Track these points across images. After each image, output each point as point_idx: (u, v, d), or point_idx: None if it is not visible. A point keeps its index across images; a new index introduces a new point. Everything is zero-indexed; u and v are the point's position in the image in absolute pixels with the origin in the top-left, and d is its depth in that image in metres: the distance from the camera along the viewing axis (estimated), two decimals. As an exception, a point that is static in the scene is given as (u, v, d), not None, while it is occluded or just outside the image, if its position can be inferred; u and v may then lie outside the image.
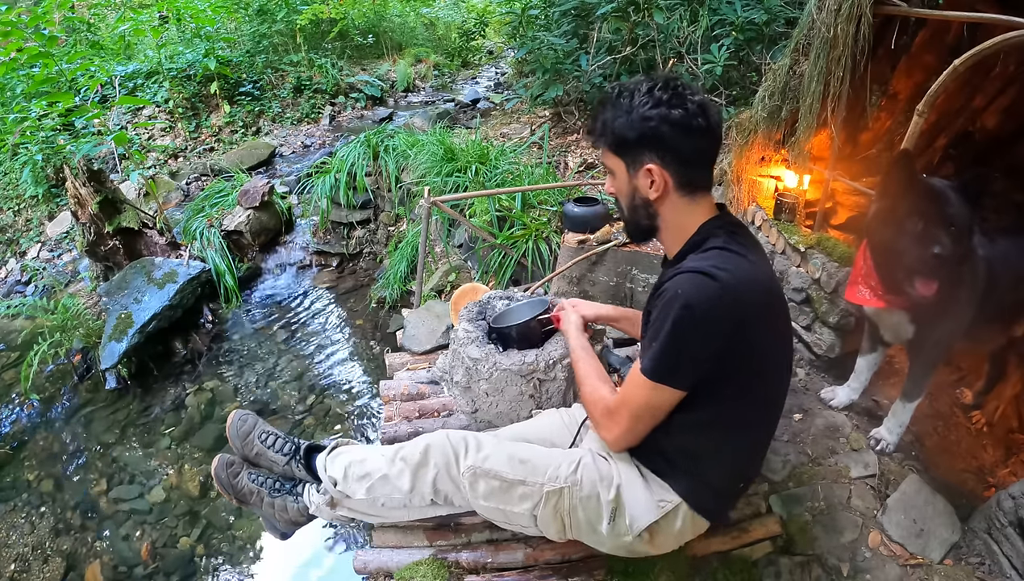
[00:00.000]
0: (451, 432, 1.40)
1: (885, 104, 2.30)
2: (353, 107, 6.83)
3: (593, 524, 1.30)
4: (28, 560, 2.57)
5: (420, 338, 2.36)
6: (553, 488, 1.29)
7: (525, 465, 1.32)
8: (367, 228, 4.68)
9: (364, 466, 1.42)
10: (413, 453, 1.38)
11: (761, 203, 2.49)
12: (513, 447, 1.38)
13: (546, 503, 1.30)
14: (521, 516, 1.33)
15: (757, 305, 1.14)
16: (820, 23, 1.94)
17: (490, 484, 1.32)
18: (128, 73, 6.19)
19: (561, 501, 1.29)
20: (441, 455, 1.36)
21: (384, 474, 1.39)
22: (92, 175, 3.71)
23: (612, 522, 1.28)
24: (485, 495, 1.33)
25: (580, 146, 4.20)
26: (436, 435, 1.40)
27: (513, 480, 1.31)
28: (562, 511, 1.30)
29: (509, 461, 1.33)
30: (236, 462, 1.55)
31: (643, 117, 1.12)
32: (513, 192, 3.30)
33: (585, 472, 1.30)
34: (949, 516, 1.63)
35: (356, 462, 1.43)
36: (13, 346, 3.94)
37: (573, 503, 1.29)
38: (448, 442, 1.37)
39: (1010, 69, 2.10)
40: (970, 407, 2.11)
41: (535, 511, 1.31)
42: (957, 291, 1.58)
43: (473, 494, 1.34)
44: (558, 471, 1.31)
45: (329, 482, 1.44)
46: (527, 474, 1.31)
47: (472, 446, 1.36)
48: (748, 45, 3.41)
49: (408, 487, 1.37)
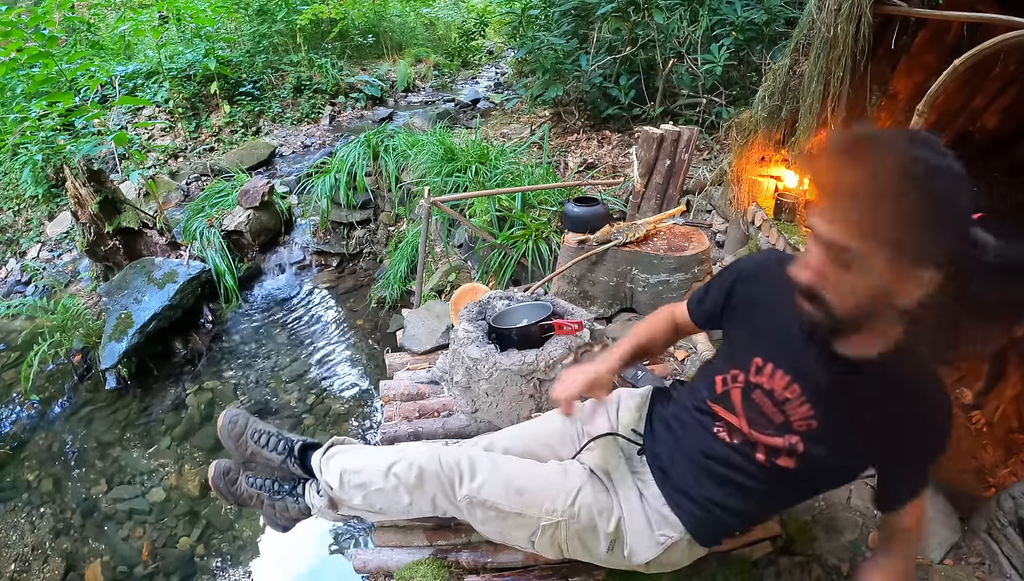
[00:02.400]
0: (443, 454, 1.34)
1: (885, 104, 2.30)
2: (353, 107, 6.83)
3: (591, 551, 1.29)
4: (28, 560, 2.57)
5: (420, 338, 2.36)
6: (549, 522, 1.28)
7: (522, 497, 1.29)
8: (367, 228, 4.68)
9: (360, 476, 1.39)
10: (407, 476, 1.33)
11: (761, 203, 2.49)
12: (510, 472, 1.33)
13: (542, 534, 1.29)
14: (519, 540, 1.33)
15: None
16: (820, 23, 1.94)
17: (487, 513, 1.30)
18: (128, 73, 6.19)
19: (558, 532, 1.28)
20: (436, 483, 1.32)
21: (379, 488, 1.37)
22: (92, 175, 3.71)
23: (610, 551, 1.27)
24: (483, 521, 1.32)
25: (580, 146, 4.21)
26: (427, 458, 1.34)
27: (509, 512, 1.29)
28: (559, 540, 1.29)
29: (505, 491, 1.30)
30: (232, 468, 1.54)
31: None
32: (513, 192, 3.30)
33: (583, 504, 1.28)
34: (949, 516, 1.63)
35: (351, 471, 1.40)
36: (13, 346, 3.94)
37: (570, 534, 1.28)
38: (441, 470, 1.32)
39: (1010, 69, 2.10)
40: (970, 407, 2.10)
41: (532, 538, 1.31)
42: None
43: (472, 518, 1.33)
44: (555, 504, 1.28)
45: (325, 486, 1.43)
46: (523, 507, 1.29)
47: (467, 473, 1.31)
48: (748, 45, 3.42)
49: (407, 501, 1.36)
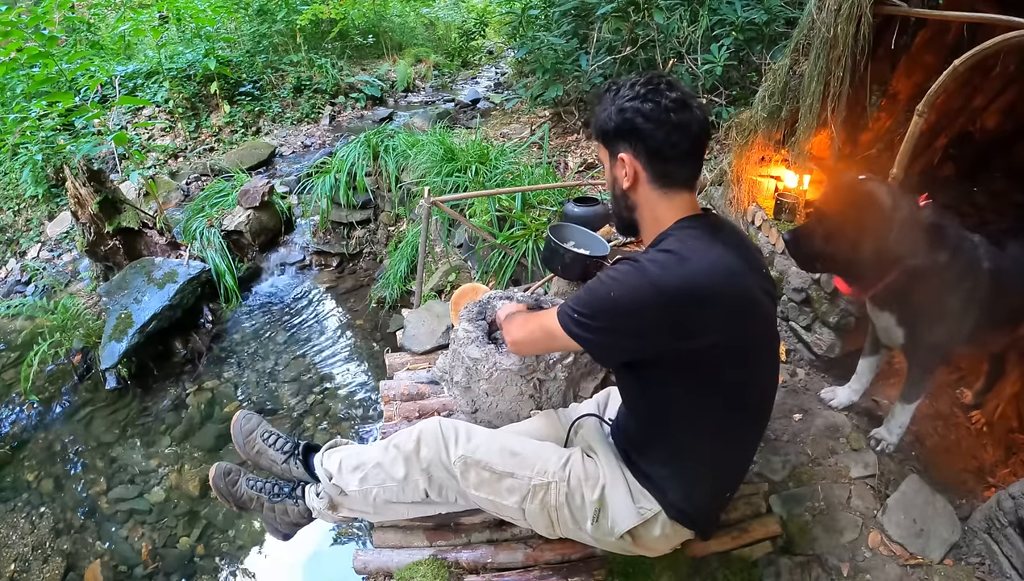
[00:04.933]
0: (443, 420, 1.43)
1: (885, 104, 2.30)
2: (353, 107, 6.83)
3: (579, 522, 1.32)
4: (28, 560, 2.57)
5: (420, 338, 2.36)
6: (540, 482, 1.31)
7: (516, 458, 1.35)
8: (367, 228, 4.68)
9: (359, 457, 1.45)
10: (407, 441, 1.41)
11: (761, 203, 2.49)
12: (505, 439, 1.41)
13: (533, 497, 1.32)
14: (511, 508, 1.35)
15: (704, 308, 1.08)
16: (820, 23, 1.94)
17: (480, 474, 1.34)
18: (128, 73, 6.19)
19: (548, 496, 1.31)
20: (433, 441, 1.38)
21: (378, 462, 1.42)
22: (92, 175, 3.71)
23: (596, 522, 1.30)
24: (476, 485, 1.35)
25: (580, 146, 4.21)
26: (429, 422, 1.43)
27: (502, 472, 1.33)
28: (549, 506, 1.32)
29: (500, 453, 1.36)
30: (233, 470, 1.56)
31: (619, 109, 1.15)
32: (513, 192, 3.30)
33: (573, 470, 1.32)
34: (949, 516, 1.63)
35: (351, 455, 1.47)
36: (13, 346, 3.94)
37: (560, 500, 1.31)
38: (440, 430, 1.40)
39: (1010, 69, 2.10)
40: (970, 407, 2.11)
41: (523, 504, 1.33)
42: (946, 297, 1.58)
43: (465, 483, 1.36)
44: (547, 465, 1.33)
45: (324, 475, 1.46)
46: (516, 467, 1.34)
47: (463, 435, 1.39)
48: (748, 45, 3.41)
49: (402, 474, 1.39)
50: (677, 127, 1.13)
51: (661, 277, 1.07)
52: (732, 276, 1.12)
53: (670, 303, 1.07)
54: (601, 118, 1.20)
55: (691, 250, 1.10)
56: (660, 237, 1.18)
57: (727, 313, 1.11)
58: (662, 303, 1.07)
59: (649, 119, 1.13)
